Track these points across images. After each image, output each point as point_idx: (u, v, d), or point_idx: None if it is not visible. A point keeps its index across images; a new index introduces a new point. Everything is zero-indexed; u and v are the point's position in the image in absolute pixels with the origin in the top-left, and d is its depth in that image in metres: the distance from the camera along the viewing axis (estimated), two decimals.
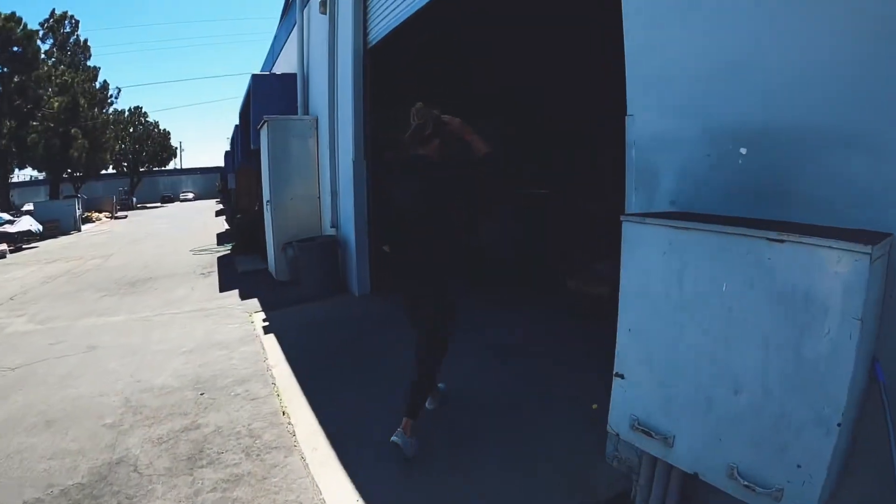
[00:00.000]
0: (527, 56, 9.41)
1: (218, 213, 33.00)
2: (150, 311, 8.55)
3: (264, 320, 7.47)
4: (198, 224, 28.06)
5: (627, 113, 3.09)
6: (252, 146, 11.74)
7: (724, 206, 2.54)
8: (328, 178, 9.30)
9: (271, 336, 6.71)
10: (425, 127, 3.68)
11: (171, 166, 65.21)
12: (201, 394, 5.08)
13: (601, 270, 6.33)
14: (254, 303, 8.57)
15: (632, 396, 2.53)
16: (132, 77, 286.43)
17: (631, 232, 2.45)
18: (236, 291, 9.53)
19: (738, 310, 2.07)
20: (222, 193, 34.84)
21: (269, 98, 11.68)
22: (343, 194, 8.85)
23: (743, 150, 2.47)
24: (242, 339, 6.72)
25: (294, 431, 4.30)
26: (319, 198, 10.02)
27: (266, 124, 9.75)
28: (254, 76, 12.22)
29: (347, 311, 7.70)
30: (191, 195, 64.58)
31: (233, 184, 21.17)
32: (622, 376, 2.56)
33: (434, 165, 3.71)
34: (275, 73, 13.09)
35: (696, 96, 2.71)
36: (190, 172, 71.61)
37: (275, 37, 16.57)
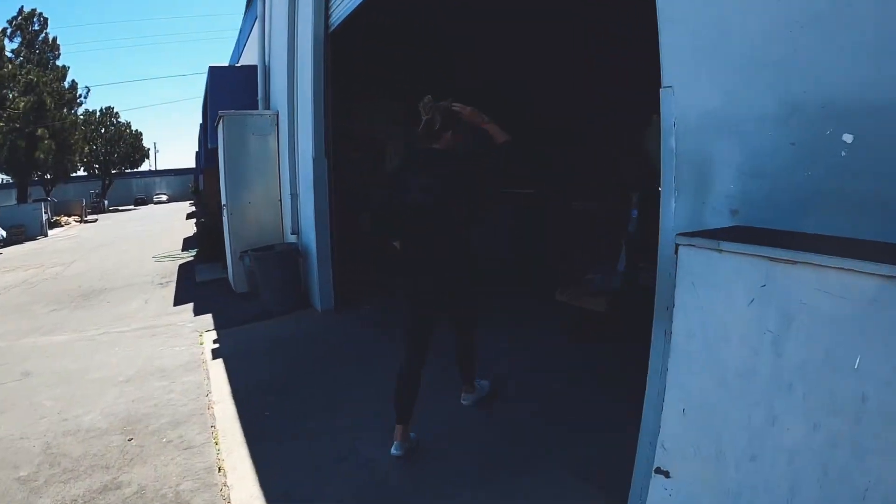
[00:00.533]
0: (510, 51, 8.81)
1: (189, 216, 32.18)
2: (96, 328, 7.87)
3: (214, 341, 6.68)
4: (167, 228, 27.41)
5: (663, 84, 2.20)
6: (209, 145, 10.84)
7: (817, 220, 1.67)
8: (288, 178, 8.47)
9: (219, 362, 5.93)
10: (434, 122, 3.60)
11: (145, 167, 64.22)
12: (129, 439, 4.34)
13: (596, 282, 5.51)
14: (207, 319, 7.80)
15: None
16: (104, 76, 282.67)
17: (695, 263, 1.60)
18: (191, 305, 8.81)
19: (881, 399, 1.24)
20: (196, 195, 34.11)
21: (230, 92, 10.69)
22: (303, 197, 8.00)
23: (847, 137, 1.62)
24: (187, 365, 5.97)
25: (229, 496, 3.52)
26: (281, 201, 9.13)
27: (222, 120, 8.84)
28: (211, 68, 11.19)
29: (308, 331, 6.95)
30: (164, 197, 63.89)
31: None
32: (667, 474, 1.72)
33: (436, 160, 3.63)
34: (235, 66, 12.21)
35: (771, 54, 1.83)
36: (164, 174, 70.58)
37: (240, 30, 15.69)
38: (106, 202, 53.06)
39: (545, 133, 10.45)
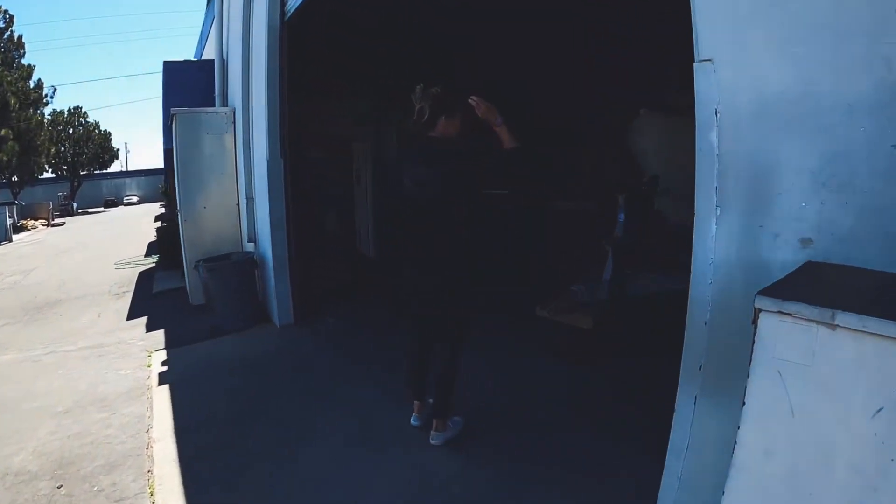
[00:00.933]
0: (507, 50, 8.40)
1: (157, 219, 31.54)
2: (43, 347, 7.30)
3: (163, 363, 6.12)
4: (134, 231, 26.62)
5: (698, 57, 1.61)
6: (165, 146, 10.22)
7: None
8: (244, 181, 7.90)
9: (165, 389, 5.38)
10: (423, 112, 3.59)
11: (116, 168, 62.95)
12: (59, 486, 3.86)
13: (582, 294, 4.99)
14: (159, 336, 7.24)
15: None
16: (73, 75, 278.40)
17: (788, 342, 1.03)
18: (144, 319, 8.21)
19: None
20: (165, 196, 33.36)
21: (189, 90, 10.14)
22: (259, 201, 7.42)
23: None
24: (131, 392, 5.43)
25: None
26: (239, 206, 8.53)
27: (175, 119, 8.18)
28: (166, 63, 10.51)
29: (265, 349, 6.41)
30: (135, 198, 62.47)
31: None
32: None
33: (434, 154, 3.60)
34: (191, 60, 11.56)
35: (865, 14, 1.27)
36: (134, 175, 69.07)
37: (203, 24, 15.08)
38: (75, 204, 51.76)
39: (543, 133, 10.15)
